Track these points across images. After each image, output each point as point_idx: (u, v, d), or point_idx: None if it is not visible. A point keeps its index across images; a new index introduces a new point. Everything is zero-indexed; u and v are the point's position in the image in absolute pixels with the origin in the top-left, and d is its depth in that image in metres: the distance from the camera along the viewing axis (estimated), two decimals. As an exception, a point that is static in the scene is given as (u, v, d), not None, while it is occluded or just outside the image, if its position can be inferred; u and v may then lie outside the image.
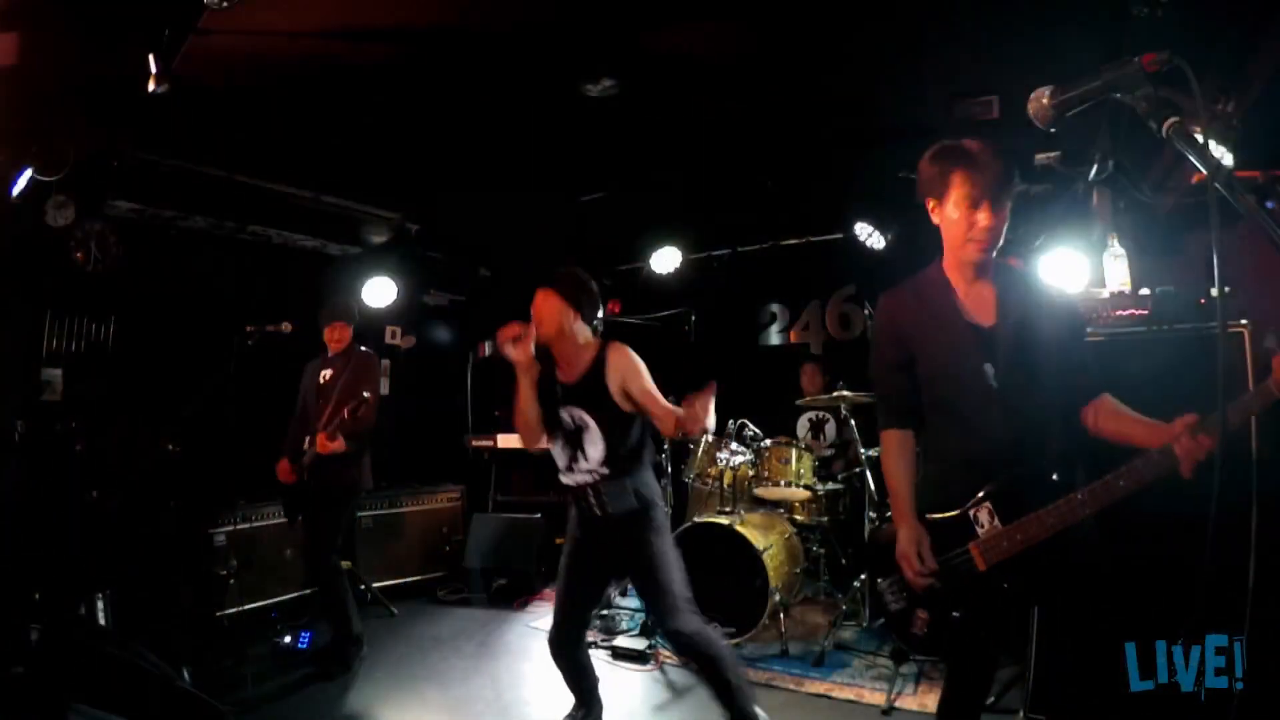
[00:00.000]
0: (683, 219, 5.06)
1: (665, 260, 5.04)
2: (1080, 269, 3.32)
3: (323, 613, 3.60)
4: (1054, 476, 1.60)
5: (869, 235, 4.38)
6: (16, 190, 3.34)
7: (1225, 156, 2.50)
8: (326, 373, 3.68)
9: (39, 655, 2.68)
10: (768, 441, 4.20)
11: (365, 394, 3.37)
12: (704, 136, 3.87)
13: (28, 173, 3.33)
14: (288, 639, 3.60)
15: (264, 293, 4.69)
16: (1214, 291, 2.34)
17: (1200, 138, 1.03)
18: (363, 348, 3.80)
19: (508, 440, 5.95)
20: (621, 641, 3.73)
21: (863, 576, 3.92)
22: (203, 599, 3.81)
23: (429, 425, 6.03)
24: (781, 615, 3.66)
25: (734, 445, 4.16)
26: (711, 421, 2.22)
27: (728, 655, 2.50)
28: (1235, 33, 2.46)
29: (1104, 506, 1.50)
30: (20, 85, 2.93)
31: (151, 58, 2.58)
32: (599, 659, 3.64)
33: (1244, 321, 2.35)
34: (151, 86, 2.60)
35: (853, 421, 4.14)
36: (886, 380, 1.82)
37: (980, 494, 1.63)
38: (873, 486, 3.95)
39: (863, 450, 4.01)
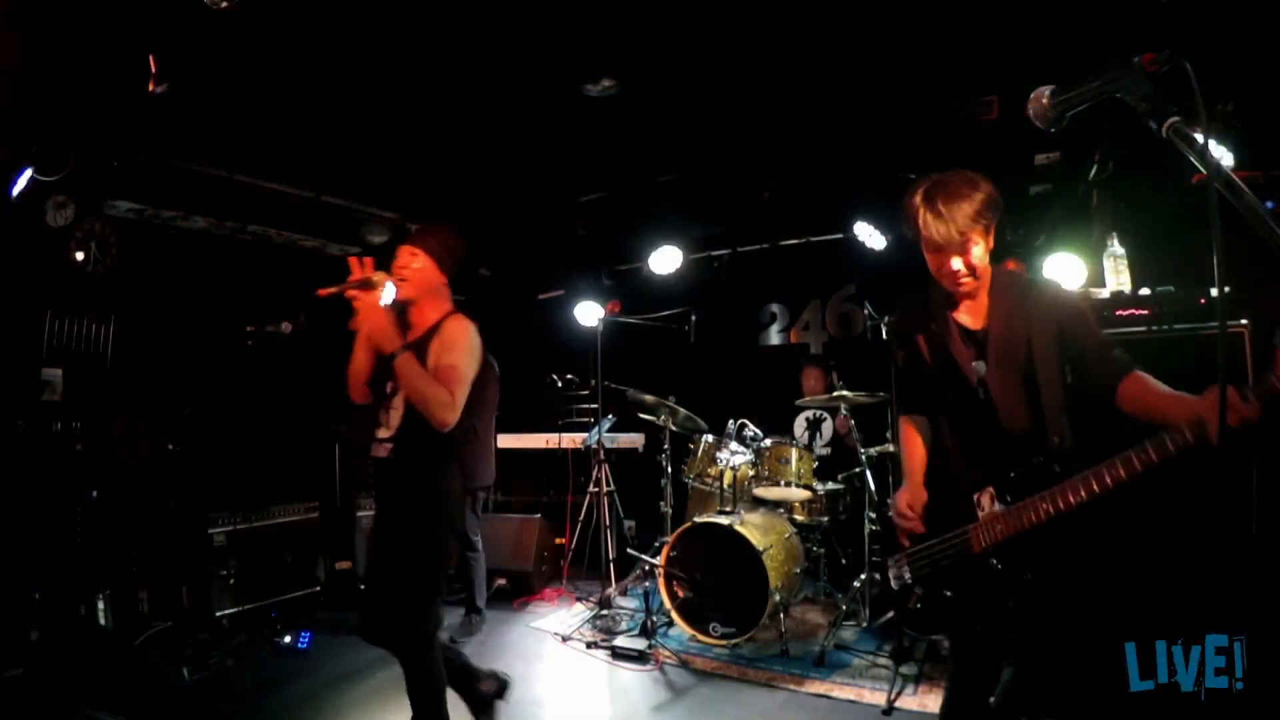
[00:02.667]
0: (683, 219, 5.06)
1: (665, 260, 5.03)
2: (1080, 269, 3.32)
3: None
4: (1056, 468, 1.63)
5: (869, 235, 4.39)
6: (16, 190, 3.34)
7: (1225, 156, 2.50)
8: None
9: (39, 655, 2.69)
10: (768, 441, 4.20)
11: None
12: (704, 136, 3.87)
13: (28, 173, 3.33)
14: (288, 639, 3.62)
15: (264, 293, 4.69)
16: (1214, 291, 2.34)
17: (1200, 138, 1.03)
18: None
19: (508, 440, 5.96)
20: (621, 641, 3.73)
21: (863, 576, 3.92)
22: (203, 599, 3.82)
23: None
24: (781, 615, 3.66)
25: (734, 445, 4.16)
26: None
27: (435, 678, 2.25)
28: (1235, 33, 2.47)
29: (1100, 494, 1.50)
30: (20, 85, 2.93)
31: (151, 58, 2.59)
32: (598, 659, 3.65)
33: (1244, 321, 2.35)
34: (151, 87, 2.61)
35: (853, 421, 4.14)
36: (900, 377, 1.97)
37: (984, 486, 1.70)
38: (872, 487, 3.95)
39: (861, 450, 4.01)
